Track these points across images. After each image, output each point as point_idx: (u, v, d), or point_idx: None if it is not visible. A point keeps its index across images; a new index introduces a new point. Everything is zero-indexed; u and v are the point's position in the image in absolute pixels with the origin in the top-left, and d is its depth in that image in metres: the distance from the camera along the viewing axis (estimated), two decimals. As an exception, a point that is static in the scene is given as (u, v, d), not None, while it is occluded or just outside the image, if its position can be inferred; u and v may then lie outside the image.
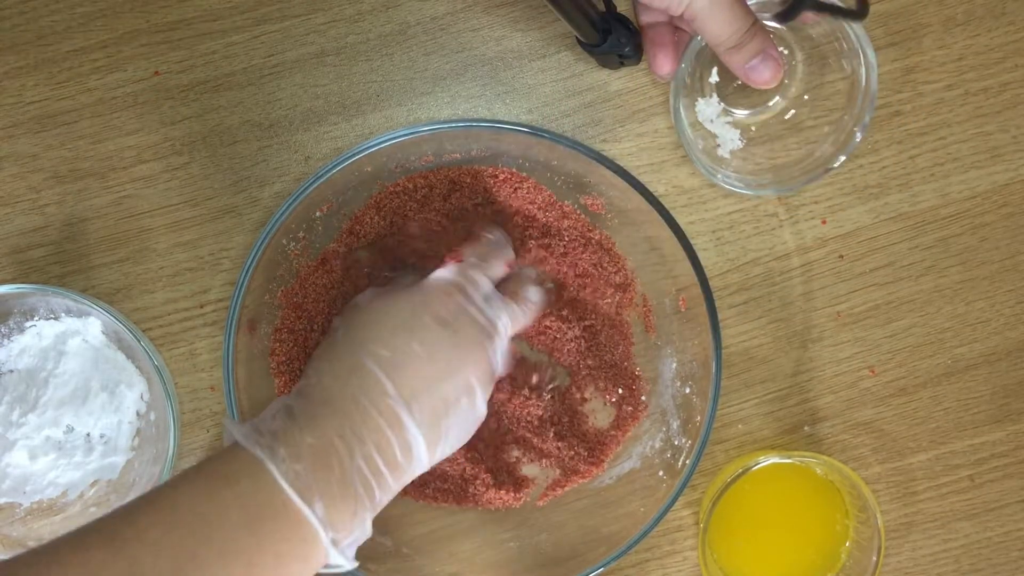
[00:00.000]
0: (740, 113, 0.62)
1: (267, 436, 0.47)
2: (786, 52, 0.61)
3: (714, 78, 0.61)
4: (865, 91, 0.59)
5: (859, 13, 0.54)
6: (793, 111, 0.62)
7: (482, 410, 0.54)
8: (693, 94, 0.61)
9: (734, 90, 0.62)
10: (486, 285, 0.56)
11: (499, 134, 0.60)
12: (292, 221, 0.60)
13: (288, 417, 0.49)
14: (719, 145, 0.61)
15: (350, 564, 0.48)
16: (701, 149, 0.61)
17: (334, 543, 0.46)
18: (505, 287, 0.59)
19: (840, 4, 0.58)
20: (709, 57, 0.61)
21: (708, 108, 0.61)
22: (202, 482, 0.46)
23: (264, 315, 0.62)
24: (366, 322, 0.53)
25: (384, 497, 0.50)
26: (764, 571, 0.63)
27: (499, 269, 0.58)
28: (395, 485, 0.50)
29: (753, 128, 0.62)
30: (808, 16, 0.58)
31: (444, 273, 0.56)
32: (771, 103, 0.62)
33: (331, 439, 0.48)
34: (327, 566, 0.48)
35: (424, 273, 0.56)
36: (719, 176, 0.60)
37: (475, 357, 0.53)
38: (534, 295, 0.59)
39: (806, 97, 0.62)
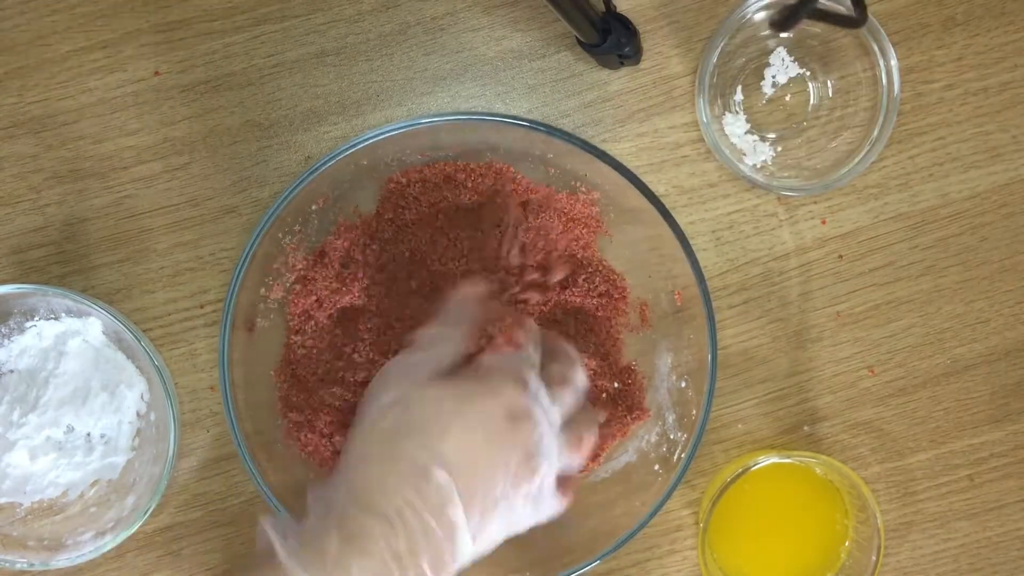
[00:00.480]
0: (769, 135, 0.63)
1: (312, 553, 0.46)
2: (808, 73, 0.63)
3: (739, 96, 0.62)
4: (888, 101, 0.61)
5: (857, 20, 0.54)
6: (821, 129, 0.63)
7: (526, 517, 0.51)
8: (716, 93, 0.62)
9: (761, 108, 0.63)
10: (536, 375, 0.51)
11: (499, 129, 0.60)
12: (288, 215, 0.60)
13: (338, 529, 0.46)
14: (745, 154, 0.63)
15: None
16: (726, 150, 0.62)
17: None
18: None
19: (839, 11, 0.58)
20: (733, 75, 0.62)
21: (736, 125, 0.62)
22: None
23: (260, 312, 0.62)
24: (426, 414, 0.49)
25: None
26: (764, 571, 0.64)
27: (538, 355, 0.53)
28: None
29: (780, 148, 0.63)
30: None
31: (504, 362, 0.51)
32: (799, 124, 0.63)
33: (385, 559, 0.46)
34: None
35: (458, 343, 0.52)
36: (743, 168, 0.62)
37: (535, 463, 0.49)
38: (579, 378, 0.54)
39: (837, 113, 0.63)
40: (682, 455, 0.60)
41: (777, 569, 0.64)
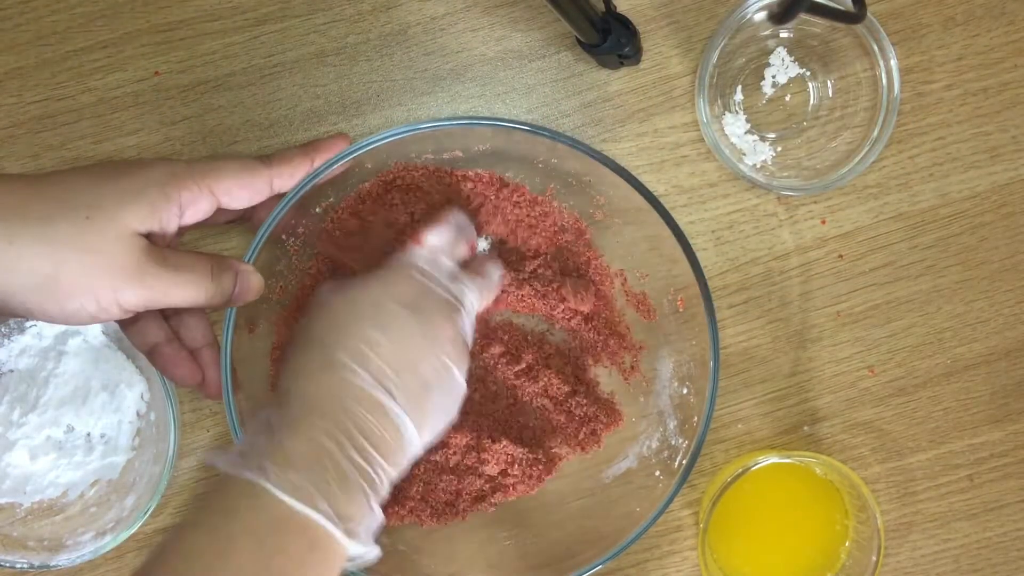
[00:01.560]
0: (769, 135, 0.63)
1: (254, 457, 0.47)
2: (808, 73, 0.63)
3: (739, 96, 0.62)
4: (888, 101, 0.61)
5: (857, 16, 0.54)
6: (820, 129, 0.63)
7: (461, 384, 0.55)
8: (716, 93, 0.62)
9: (761, 108, 0.63)
10: (448, 263, 0.57)
11: (499, 133, 0.60)
12: (291, 216, 0.60)
13: (269, 431, 0.49)
14: (745, 154, 0.63)
15: (372, 550, 0.49)
16: (726, 150, 0.62)
17: (348, 534, 0.47)
18: (466, 267, 0.59)
19: (837, 7, 0.58)
20: (733, 75, 0.62)
21: (735, 125, 0.62)
22: (205, 525, 0.45)
23: (263, 313, 0.62)
24: (331, 317, 0.53)
25: (385, 481, 0.50)
26: (764, 571, 0.64)
27: (462, 249, 0.59)
28: (393, 469, 0.51)
29: (780, 148, 0.63)
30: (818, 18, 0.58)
31: (406, 257, 0.56)
32: (799, 125, 0.63)
33: (318, 441, 0.48)
34: (351, 559, 0.48)
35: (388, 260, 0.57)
36: (743, 168, 0.62)
37: (445, 335, 0.54)
38: (494, 272, 0.60)
39: (837, 113, 0.63)
40: (683, 461, 0.60)
41: (777, 569, 0.64)
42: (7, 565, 0.60)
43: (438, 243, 0.57)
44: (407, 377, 0.51)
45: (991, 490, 0.65)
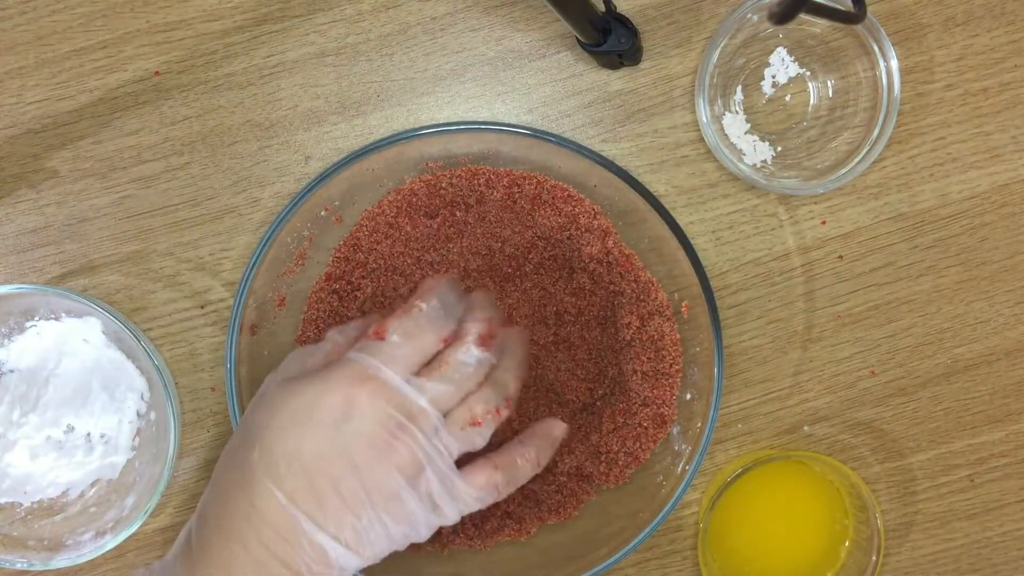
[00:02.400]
0: (769, 135, 0.63)
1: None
2: (808, 73, 0.63)
3: (739, 96, 0.62)
4: (888, 101, 0.61)
5: (856, 16, 0.54)
6: (821, 129, 0.63)
7: (413, 510, 0.47)
8: (716, 93, 0.62)
9: (761, 108, 0.63)
10: (410, 359, 0.48)
11: (501, 135, 0.60)
12: (297, 219, 0.60)
13: (187, 553, 0.47)
14: (745, 154, 0.63)
15: None
16: (726, 150, 0.62)
17: None
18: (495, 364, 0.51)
19: (837, 7, 0.58)
20: (733, 75, 0.62)
21: (735, 125, 0.62)
22: None
23: (266, 315, 0.62)
24: (260, 418, 0.48)
25: None
26: (764, 571, 0.64)
27: (429, 343, 0.49)
28: None
29: (780, 148, 0.63)
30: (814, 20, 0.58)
31: (356, 353, 0.48)
32: (799, 124, 0.63)
33: (231, 568, 0.45)
34: None
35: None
36: (743, 168, 0.62)
37: (384, 452, 0.46)
38: (507, 379, 0.51)
39: (837, 113, 0.63)
40: (686, 467, 0.60)
41: (777, 569, 0.64)
42: (7, 565, 0.60)
43: (399, 338, 0.49)
44: (333, 494, 0.46)
45: (991, 490, 0.65)
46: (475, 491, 0.49)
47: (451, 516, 0.49)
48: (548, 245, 0.62)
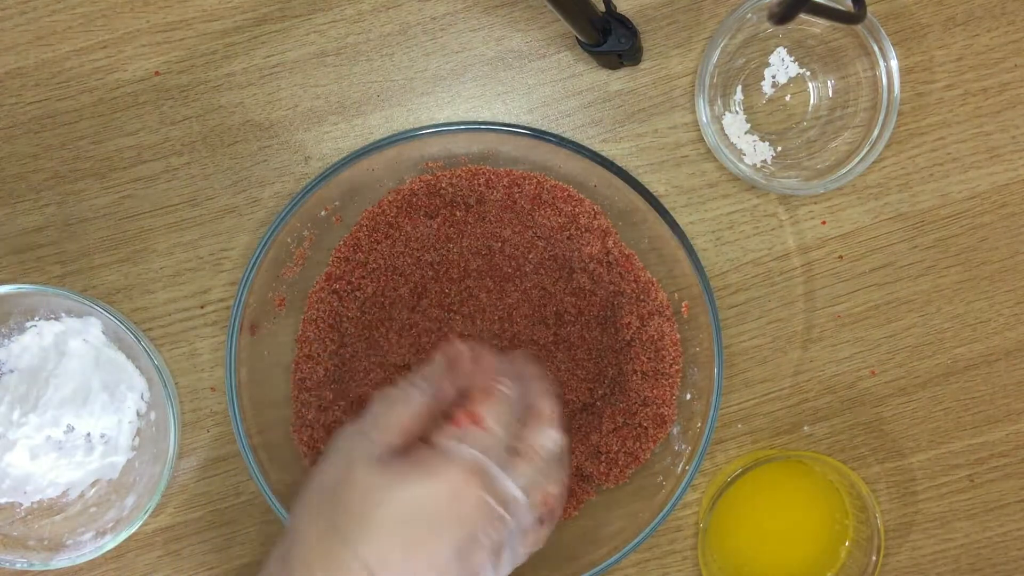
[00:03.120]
0: (769, 135, 0.63)
1: None
2: (808, 73, 0.63)
3: (739, 96, 0.62)
4: (888, 101, 0.61)
5: (856, 16, 0.54)
6: (820, 129, 0.63)
7: None
8: (716, 93, 0.62)
9: (761, 108, 0.63)
10: (498, 461, 0.47)
11: (501, 135, 0.60)
12: (297, 219, 0.60)
13: None
14: (745, 154, 0.63)
15: None
16: (726, 150, 0.62)
17: None
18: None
19: (837, 7, 0.58)
20: (733, 75, 0.62)
21: (735, 125, 0.62)
22: None
23: (266, 315, 0.62)
24: (357, 497, 0.46)
25: None
26: (764, 571, 0.64)
27: (514, 427, 0.49)
28: None
29: (780, 148, 0.63)
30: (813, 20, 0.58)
31: (454, 446, 0.47)
32: (799, 124, 0.63)
33: None
34: None
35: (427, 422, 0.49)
36: (742, 168, 0.62)
37: (478, 544, 0.46)
38: (553, 445, 0.50)
39: (838, 113, 0.63)
40: (686, 467, 0.60)
41: (777, 569, 0.64)
42: (7, 565, 0.60)
43: (494, 424, 0.47)
44: None
45: (991, 490, 0.65)
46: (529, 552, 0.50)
47: None
48: (548, 245, 0.62)
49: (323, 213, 0.61)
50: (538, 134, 0.59)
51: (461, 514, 0.45)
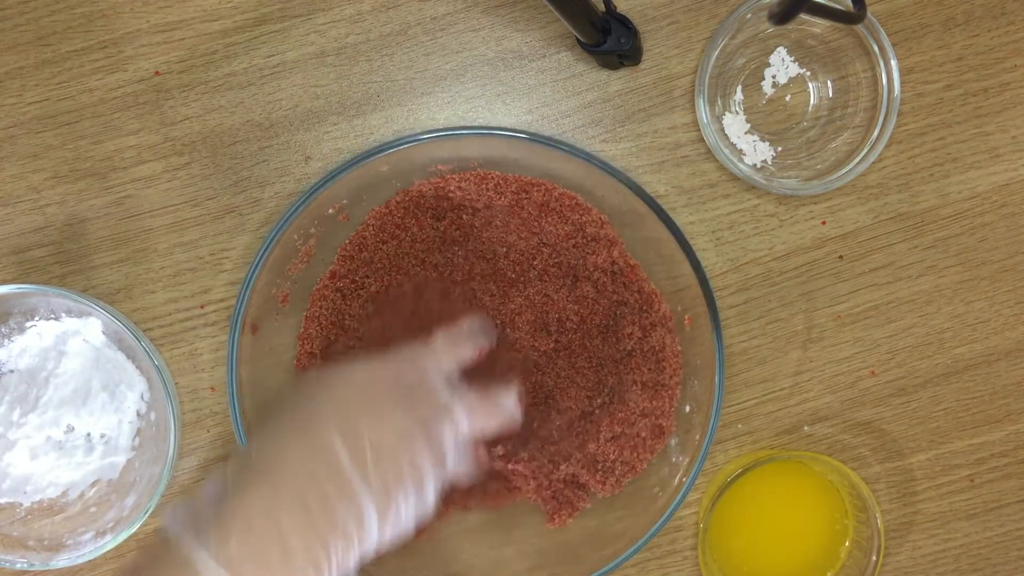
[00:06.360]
0: (769, 135, 0.63)
1: (204, 519, 0.45)
2: (808, 73, 0.63)
3: (739, 95, 0.62)
4: (888, 101, 0.61)
5: (857, 16, 0.54)
6: (820, 129, 0.63)
7: (428, 501, 0.50)
8: (716, 93, 0.62)
9: (761, 108, 0.63)
10: (448, 365, 0.53)
11: (511, 141, 0.60)
12: (304, 216, 0.60)
13: (222, 493, 0.46)
14: (745, 154, 0.63)
15: None
16: (726, 150, 0.62)
17: None
18: (482, 384, 0.54)
19: (837, 7, 0.58)
20: (733, 75, 0.62)
21: (735, 125, 0.62)
22: None
23: (267, 314, 0.62)
24: (318, 390, 0.50)
25: (333, 572, 0.46)
26: (764, 571, 0.64)
27: (467, 353, 0.54)
28: (346, 558, 0.47)
29: (780, 148, 0.63)
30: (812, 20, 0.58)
31: (409, 352, 0.53)
32: (799, 124, 0.63)
33: (274, 516, 0.45)
34: None
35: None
36: (742, 168, 0.62)
37: (426, 434, 0.49)
38: (507, 401, 0.54)
39: (838, 113, 0.63)
40: (683, 479, 0.60)
41: (777, 569, 0.64)
42: (7, 565, 0.60)
43: (445, 345, 0.54)
44: (382, 465, 0.48)
45: (991, 490, 0.65)
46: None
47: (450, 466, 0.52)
48: (553, 252, 0.62)
49: (330, 211, 0.61)
50: (551, 143, 0.59)
51: (406, 384, 0.51)
